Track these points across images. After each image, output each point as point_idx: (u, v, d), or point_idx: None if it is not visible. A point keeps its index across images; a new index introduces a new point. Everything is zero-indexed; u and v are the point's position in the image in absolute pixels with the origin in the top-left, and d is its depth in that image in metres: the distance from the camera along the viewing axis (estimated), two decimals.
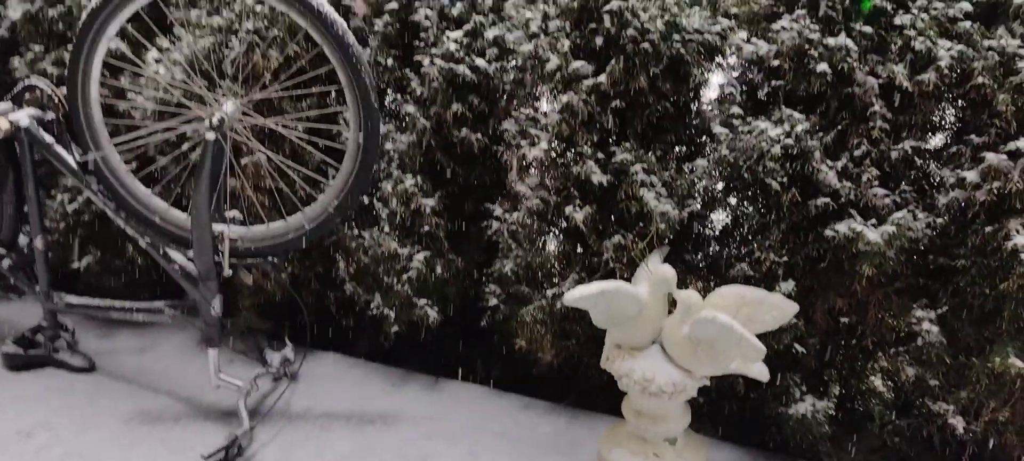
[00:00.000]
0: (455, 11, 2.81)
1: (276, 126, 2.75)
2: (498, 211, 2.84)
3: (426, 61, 2.76)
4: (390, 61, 2.89)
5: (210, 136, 2.57)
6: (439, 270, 2.90)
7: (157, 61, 2.90)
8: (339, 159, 2.75)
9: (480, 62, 2.77)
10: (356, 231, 3.00)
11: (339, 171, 2.72)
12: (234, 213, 2.90)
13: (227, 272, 2.74)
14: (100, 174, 2.86)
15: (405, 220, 2.90)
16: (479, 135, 2.83)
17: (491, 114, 2.85)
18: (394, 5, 2.85)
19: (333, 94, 2.90)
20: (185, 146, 2.89)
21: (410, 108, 2.85)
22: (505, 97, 2.84)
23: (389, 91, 3.01)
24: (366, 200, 2.98)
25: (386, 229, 2.93)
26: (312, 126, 2.82)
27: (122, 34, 2.85)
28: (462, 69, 2.74)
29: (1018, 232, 2.18)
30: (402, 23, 2.87)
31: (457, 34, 2.77)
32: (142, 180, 2.93)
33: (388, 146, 2.90)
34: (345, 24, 2.50)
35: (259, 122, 2.73)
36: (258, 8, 2.81)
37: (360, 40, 2.87)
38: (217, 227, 2.73)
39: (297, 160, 2.88)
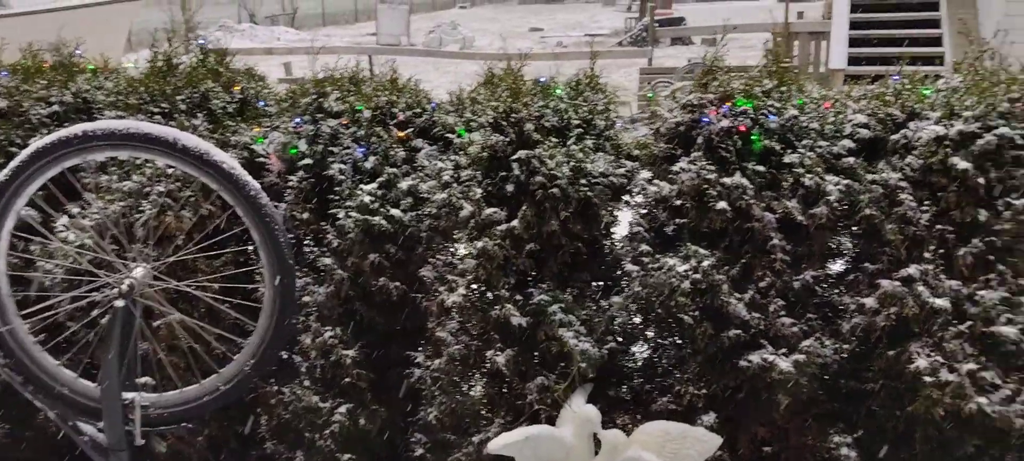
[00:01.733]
0: (368, 164, 2.86)
1: (189, 288, 2.71)
2: (420, 358, 2.83)
3: (341, 214, 2.79)
4: (306, 215, 2.90)
5: (119, 303, 2.53)
6: (363, 422, 2.85)
7: (66, 228, 2.85)
8: (255, 317, 2.72)
9: (395, 212, 2.81)
10: (275, 386, 2.93)
11: (255, 329, 2.68)
12: (146, 379, 2.82)
13: (139, 442, 2.64)
14: (6, 347, 2.76)
15: (326, 372, 2.86)
16: (398, 283, 2.84)
17: (409, 262, 2.86)
18: (308, 161, 2.88)
19: (248, 251, 2.89)
20: (95, 313, 2.82)
21: (327, 260, 2.86)
22: (422, 245, 2.86)
23: (306, 244, 3.01)
24: (285, 354, 2.94)
25: (306, 383, 2.88)
26: (227, 285, 2.80)
27: (30, 202, 2.81)
28: (378, 220, 2.77)
29: (919, 355, 2.26)
30: (317, 177, 2.91)
31: (371, 186, 2.82)
32: (50, 349, 2.84)
33: (306, 299, 2.88)
34: (257, 185, 2.52)
35: (171, 285, 2.70)
36: (169, 171, 2.81)
37: (275, 196, 2.88)
38: (128, 395, 2.66)
39: (213, 319, 2.84)
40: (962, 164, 2.27)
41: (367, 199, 2.79)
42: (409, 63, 17.82)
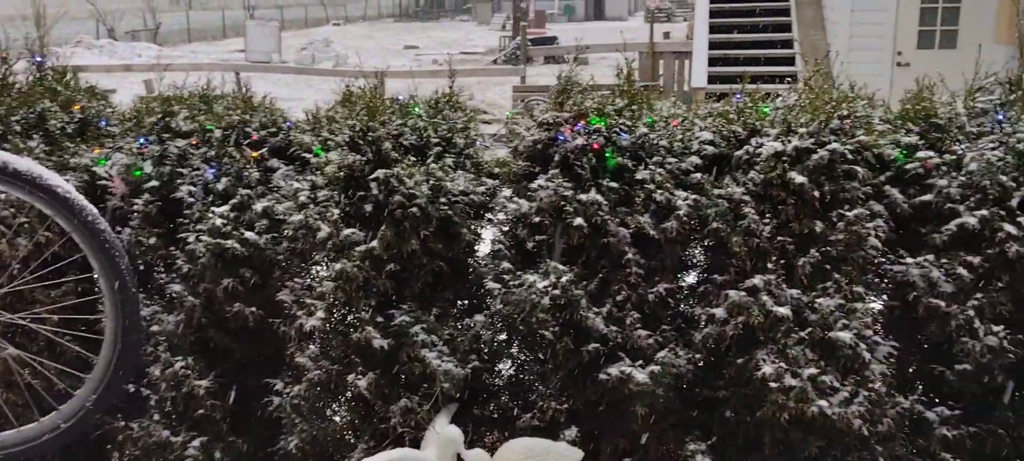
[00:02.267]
0: (220, 185, 2.75)
1: (23, 321, 2.54)
2: (280, 385, 2.74)
3: (191, 238, 2.68)
4: (153, 239, 2.77)
5: None
6: (218, 456, 2.73)
7: None
8: (98, 349, 2.57)
9: (250, 235, 2.71)
10: (123, 422, 2.78)
11: (97, 362, 2.54)
12: None
13: None
14: None
15: (177, 405, 2.73)
16: (254, 309, 2.75)
17: (265, 286, 2.77)
18: (155, 183, 2.75)
19: (89, 279, 2.73)
20: None
21: (177, 287, 2.73)
22: (279, 268, 2.78)
23: (156, 270, 2.87)
24: (132, 388, 2.78)
25: (156, 416, 2.74)
26: (68, 316, 2.63)
27: None
28: (231, 243, 2.67)
29: (765, 362, 2.35)
30: (164, 200, 2.78)
31: (223, 208, 2.71)
32: None
33: (154, 328, 2.75)
34: (94, 209, 2.38)
35: (5, 318, 2.52)
36: (1, 196, 2.63)
37: (120, 220, 2.74)
38: None
39: (53, 353, 2.66)
40: (799, 178, 2.39)
41: (219, 222, 2.68)
42: (282, 80, 17.42)
